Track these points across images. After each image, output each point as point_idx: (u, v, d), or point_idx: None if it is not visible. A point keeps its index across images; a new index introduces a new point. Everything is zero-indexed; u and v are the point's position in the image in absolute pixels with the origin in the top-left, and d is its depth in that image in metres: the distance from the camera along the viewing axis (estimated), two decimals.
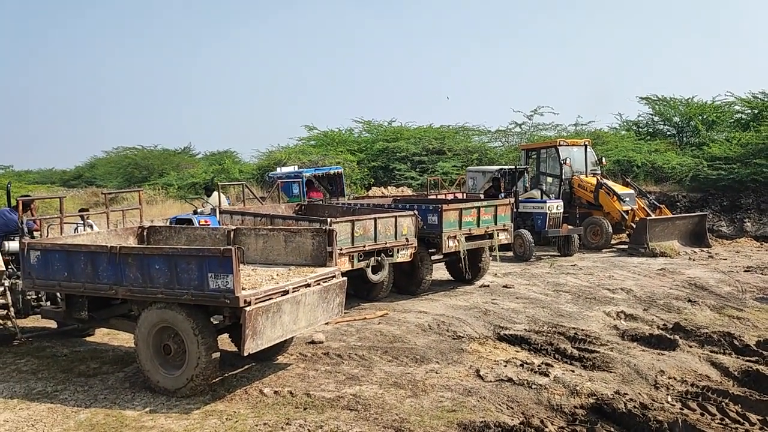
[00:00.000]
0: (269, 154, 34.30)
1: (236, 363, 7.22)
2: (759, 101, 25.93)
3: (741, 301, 11.12)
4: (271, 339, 6.21)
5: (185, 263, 6.05)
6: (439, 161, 29.00)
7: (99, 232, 8.35)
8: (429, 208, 11.09)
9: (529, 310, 10.01)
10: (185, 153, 45.63)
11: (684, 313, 10.21)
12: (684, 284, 12.27)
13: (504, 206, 12.06)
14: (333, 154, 30.00)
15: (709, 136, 26.33)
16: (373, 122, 35.35)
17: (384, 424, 5.62)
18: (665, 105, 29.22)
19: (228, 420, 5.74)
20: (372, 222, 9.73)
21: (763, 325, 9.55)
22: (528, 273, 13.51)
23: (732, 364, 7.63)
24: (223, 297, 5.87)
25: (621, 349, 8.05)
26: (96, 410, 6.05)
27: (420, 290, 11.14)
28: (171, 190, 32.66)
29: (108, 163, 46.13)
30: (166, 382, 6.34)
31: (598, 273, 13.41)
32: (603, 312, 10.04)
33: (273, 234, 7.82)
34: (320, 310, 6.83)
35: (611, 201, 17.39)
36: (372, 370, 7.09)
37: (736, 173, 21.04)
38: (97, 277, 6.63)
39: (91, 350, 8.10)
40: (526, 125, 31.28)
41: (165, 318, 6.27)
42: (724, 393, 6.61)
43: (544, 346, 8.01)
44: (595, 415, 6.02)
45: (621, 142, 27.12)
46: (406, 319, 9.25)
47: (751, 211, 20.14)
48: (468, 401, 6.19)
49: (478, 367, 7.20)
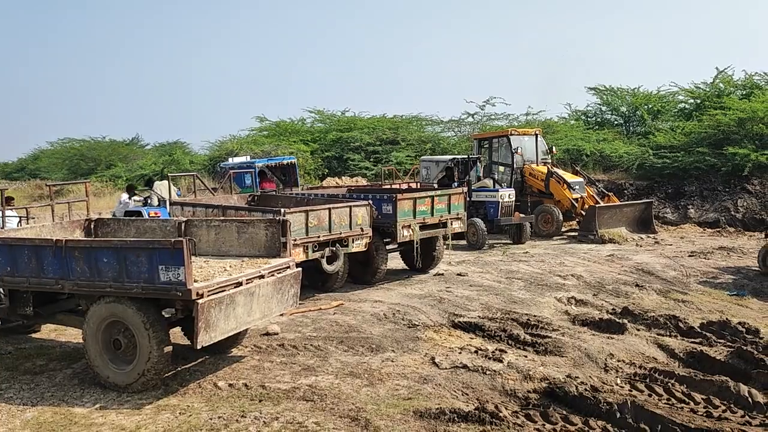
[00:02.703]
0: (220, 144, 33.78)
1: (189, 356, 7.10)
2: (701, 92, 26.74)
3: (686, 285, 11.49)
4: (224, 331, 6.13)
5: (135, 256, 5.91)
6: (393, 151, 29.04)
7: (44, 225, 8.09)
8: (383, 198, 11.09)
9: (483, 298, 10.13)
10: (133, 144, 44.64)
11: (632, 297, 10.49)
12: (632, 270, 12.61)
13: (457, 195, 12.15)
14: (286, 144, 29.73)
15: (654, 126, 27.06)
16: (325, 112, 35.17)
17: (341, 413, 5.62)
18: (612, 95, 29.86)
19: (181, 414, 5.64)
20: (326, 212, 9.67)
21: (706, 308, 9.89)
22: (481, 261, 13.67)
23: (677, 345, 7.89)
24: (175, 290, 5.75)
25: (572, 333, 8.23)
26: (43, 408, 5.87)
27: (375, 280, 11.15)
28: (119, 182, 31.86)
29: (53, 154, 44.77)
30: (117, 378, 6.19)
31: (549, 260, 13.66)
32: (554, 298, 10.24)
33: (225, 225, 7.71)
34: (275, 301, 6.77)
35: (561, 189, 17.72)
36: (328, 360, 7.07)
37: (680, 161, 21.68)
38: (43, 272, 6.43)
39: (37, 347, 7.85)
40: (479, 115, 31.61)
41: (114, 312, 6.11)
42: (671, 374, 6.83)
43: (497, 333, 8.13)
44: (548, 398, 6.16)
45: (570, 132, 27.66)
46: (361, 309, 9.25)
47: (695, 198, 20.81)
48: (424, 389, 6.23)
49: (433, 354, 7.26)
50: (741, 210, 19.58)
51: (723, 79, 26.34)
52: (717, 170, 20.93)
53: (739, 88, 26.04)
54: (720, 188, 20.62)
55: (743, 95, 25.03)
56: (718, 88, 26.20)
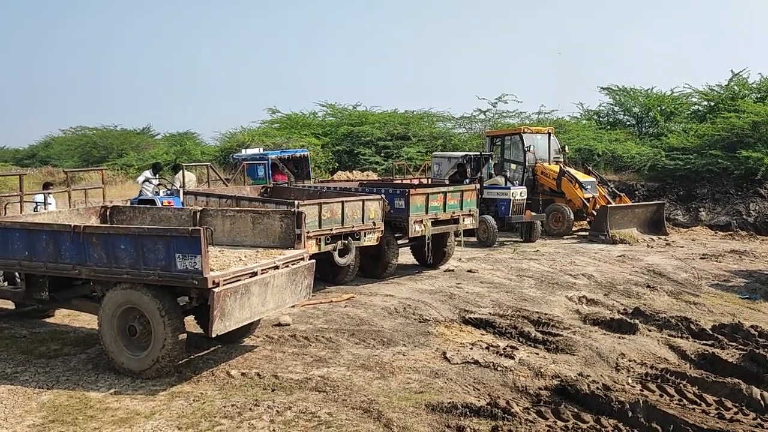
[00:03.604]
0: (231, 136, 33.88)
1: (202, 345, 7.16)
2: (715, 94, 26.60)
3: (697, 287, 11.46)
4: (239, 321, 6.17)
5: (152, 243, 5.95)
6: (404, 146, 29.03)
7: (60, 211, 8.15)
8: (396, 193, 11.10)
9: (494, 295, 10.14)
10: (144, 133, 44.78)
11: (643, 298, 10.47)
12: (643, 270, 12.58)
13: (470, 192, 12.14)
14: (297, 137, 29.76)
15: (667, 127, 26.93)
16: (337, 106, 35.18)
17: (353, 405, 5.64)
18: (625, 95, 29.73)
19: (195, 401, 5.69)
20: (339, 205, 9.70)
21: (718, 310, 9.86)
22: (492, 258, 13.67)
23: (689, 347, 7.87)
24: (191, 278, 5.79)
25: (583, 332, 8.23)
26: (59, 392, 5.92)
27: (386, 274, 11.17)
28: (131, 171, 32.01)
29: (65, 141, 44.94)
30: (131, 364, 6.24)
31: (560, 259, 13.64)
32: (565, 297, 10.24)
33: (240, 215, 7.74)
34: (288, 292, 6.80)
35: (573, 188, 17.68)
36: (339, 352, 7.10)
37: (693, 164, 21.57)
38: (60, 257, 6.48)
39: (52, 332, 7.91)
40: (490, 112, 31.54)
41: (130, 299, 6.16)
42: (682, 375, 6.82)
43: (508, 330, 8.13)
44: (559, 396, 6.16)
45: (582, 131, 27.56)
46: (372, 303, 9.27)
47: (706, 201, 20.71)
48: (435, 383, 6.25)
49: (444, 349, 7.28)
50: (753, 214, 19.47)
51: (738, 81, 26.18)
52: (729, 173, 20.80)
53: (754, 91, 25.89)
54: (732, 191, 20.50)
55: (758, 98, 24.86)
56: (732, 90, 26.04)
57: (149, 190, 13.87)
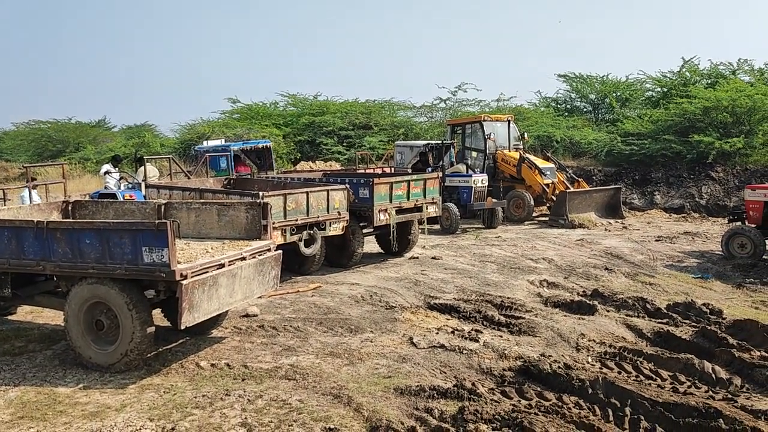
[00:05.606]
0: (191, 127, 33.37)
1: (170, 338, 7.18)
2: (668, 80, 27.31)
3: (652, 268, 11.85)
4: (207, 312, 6.21)
5: (118, 237, 5.94)
6: (366, 136, 29.05)
7: (20, 207, 8.03)
8: (360, 182, 11.20)
9: (458, 280, 10.34)
10: (100, 126, 43.72)
11: (601, 280, 10.80)
12: (601, 253, 12.95)
13: (433, 180, 12.32)
14: (258, 128, 29.50)
15: (622, 113, 27.57)
16: (298, 96, 34.93)
17: (323, 391, 5.76)
18: (582, 82, 30.29)
19: (166, 393, 5.73)
20: (304, 196, 9.76)
21: (672, 290, 10.23)
22: (455, 245, 13.89)
23: (645, 326, 8.17)
24: (159, 271, 5.81)
25: (545, 314, 8.48)
26: (26, 388, 5.89)
27: (351, 263, 11.29)
28: (88, 165, 31.33)
29: (18, 135, 43.63)
30: (99, 358, 6.24)
31: (521, 244, 13.94)
32: (527, 281, 10.50)
33: (206, 208, 7.75)
34: (256, 283, 6.86)
35: (533, 175, 18.02)
36: (308, 341, 7.20)
37: (647, 149, 22.15)
38: (23, 253, 6.43)
39: (15, 329, 7.82)
40: (451, 101, 31.76)
41: (97, 293, 6.15)
42: (639, 352, 7.10)
43: (473, 314, 8.33)
44: (523, 376, 6.37)
45: (541, 119, 28.01)
46: (339, 291, 9.38)
47: (661, 185, 21.33)
48: (403, 367, 6.40)
49: (411, 335, 7.43)
50: (705, 196, 20.15)
51: (689, 68, 26.96)
52: (682, 157, 21.44)
53: (705, 78, 26.67)
54: (685, 175, 21.15)
55: (708, 84, 25.63)
56: (684, 77, 26.81)
57: (111, 184, 13.71)
